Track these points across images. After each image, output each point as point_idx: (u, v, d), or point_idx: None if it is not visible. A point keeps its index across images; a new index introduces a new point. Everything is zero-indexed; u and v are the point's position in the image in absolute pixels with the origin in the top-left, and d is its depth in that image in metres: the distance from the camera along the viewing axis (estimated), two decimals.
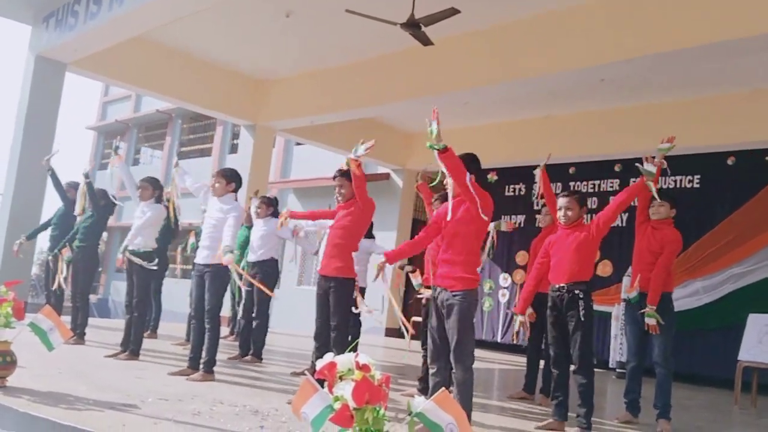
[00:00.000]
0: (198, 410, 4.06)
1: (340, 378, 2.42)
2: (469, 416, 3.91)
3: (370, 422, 2.31)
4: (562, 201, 4.88)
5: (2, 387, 4.13)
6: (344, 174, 5.27)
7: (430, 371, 4.10)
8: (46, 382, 4.44)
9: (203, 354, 5.43)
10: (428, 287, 4.73)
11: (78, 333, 6.90)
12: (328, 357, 2.50)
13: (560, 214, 4.86)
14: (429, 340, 4.11)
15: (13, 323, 4.26)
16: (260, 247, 7.13)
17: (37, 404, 3.75)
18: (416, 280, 5.31)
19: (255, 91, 11.35)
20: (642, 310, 5.21)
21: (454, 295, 3.90)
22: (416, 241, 4.31)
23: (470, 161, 4.13)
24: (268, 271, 7.13)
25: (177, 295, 13.84)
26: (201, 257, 5.52)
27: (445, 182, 4.18)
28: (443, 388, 2.55)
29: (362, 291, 6.59)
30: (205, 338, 5.45)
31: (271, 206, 7.38)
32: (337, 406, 2.35)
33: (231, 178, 5.69)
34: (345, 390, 2.34)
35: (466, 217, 3.97)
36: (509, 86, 8.36)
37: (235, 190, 5.72)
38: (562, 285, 4.71)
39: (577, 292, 4.62)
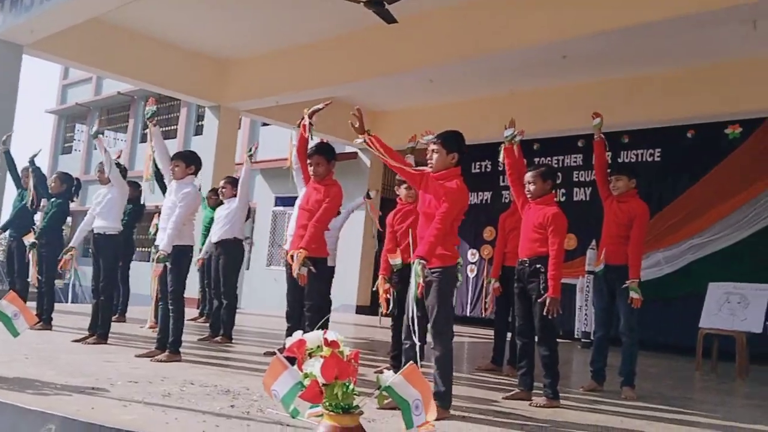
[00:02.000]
0: (168, 391, 4.06)
1: (310, 355, 2.46)
2: (450, 390, 3.96)
3: (340, 397, 2.36)
4: (526, 176, 4.95)
5: None
6: (320, 150, 5.22)
7: (404, 347, 4.16)
8: (13, 368, 4.40)
9: (169, 335, 5.44)
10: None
11: (44, 318, 6.84)
12: (297, 335, 2.53)
13: (526, 189, 4.94)
14: (404, 316, 4.15)
15: None
16: (224, 225, 7.09)
17: (4, 390, 3.72)
18: (395, 260, 5.31)
19: (218, 71, 11.22)
20: (626, 284, 5.33)
21: (432, 272, 3.94)
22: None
23: (453, 140, 4.15)
24: (232, 251, 7.11)
25: (145, 279, 13.70)
26: (160, 239, 5.50)
27: (428, 157, 4.20)
28: (411, 363, 2.60)
29: (332, 270, 6.61)
30: (169, 319, 5.46)
31: (236, 187, 7.33)
32: (307, 382, 2.39)
33: (190, 161, 5.67)
34: (314, 367, 2.38)
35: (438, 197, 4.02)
36: (473, 63, 8.39)
37: (195, 173, 5.69)
38: (524, 259, 4.81)
39: (538, 266, 4.70)
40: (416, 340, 3.78)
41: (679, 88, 9.39)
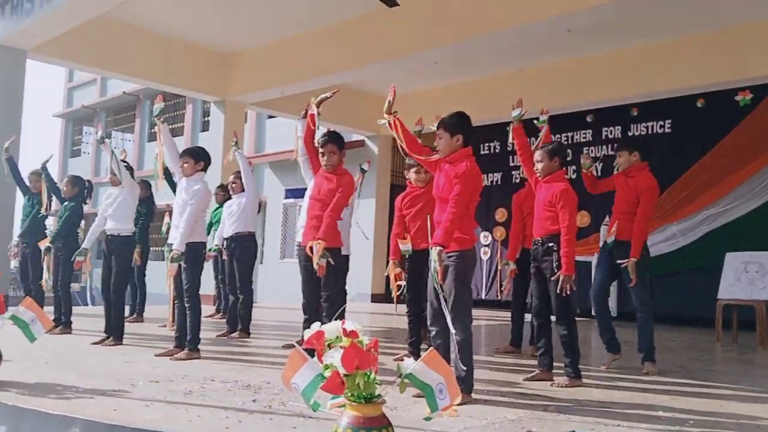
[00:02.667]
0: (189, 389, 4.06)
1: (329, 346, 2.44)
2: (471, 374, 3.94)
3: (362, 387, 2.34)
4: (535, 155, 4.92)
5: None
6: (332, 139, 5.15)
7: (430, 333, 4.13)
8: (34, 374, 4.42)
9: (187, 333, 5.45)
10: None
11: (64, 322, 6.88)
12: (315, 326, 2.51)
13: (535, 167, 4.89)
14: (428, 303, 4.13)
15: None
16: (236, 220, 7.07)
17: (26, 396, 3.74)
18: (405, 245, 5.28)
19: (222, 66, 11.20)
20: (620, 262, 5.29)
21: (449, 256, 3.90)
22: None
23: (455, 123, 4.10)
24: (246, 246, 7.09)
25: (160, 278, 13.76)
26: (173, 238, 5.49)
27: (435, 144, 4.18)
28: (431, 348, 2.57)
29: (347, 259, 6.55)
30: (186, 318, 5.46)
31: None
32: (328, 374, 2.37)
33: (199, 157, 5.64)
34: (334, 357, 2.35)
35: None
36: (478, 43, 8.33)
37: (204, 169, 5.66)
38: (537, 239, 4.79)
39: (551, 244, 4.65)
40: (451, 328, 3.75)
41: (687, 57, 9.27)
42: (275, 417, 3.39)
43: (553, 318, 4.79)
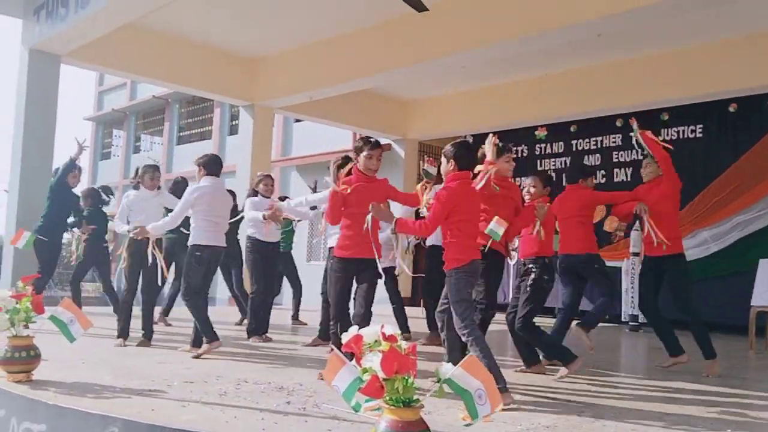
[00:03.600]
0: (224, 390, 4.11)
1: (368, 350, 2.45)
2: (497, 375, 3.84)
3: (401, 391, 2.35)
4: (527, 180, 5.48)
5: (29, 381, 4.18)
6: (379, 144, 4.92)
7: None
8: (71, 373, 4.50)
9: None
10: None
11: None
12: (353, 330, 2.53)
13: (525, 191, 5.43)
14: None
15: (34, 317, 4.31)
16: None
17: (65, 395, 3.80)
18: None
19: (250, 70, 11.30)
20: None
21: (449, 274, 4.19)
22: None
23: (449, 152, 4.32)
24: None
25: None
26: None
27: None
28: (470, 354, 2.57)
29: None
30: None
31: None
32: (367, 377, 2.38)
33: (202, 166, 5.85)
34: (373, 361, 2.37)
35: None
36: (506, 47, 8.29)
37: (209, 173, 5.80)
38: (521, 259, 5.27)
39: (530, 265, 5.11)
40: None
41: (718, 61, 9.16)
42: (310, 419, 3.42)
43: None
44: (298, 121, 16.83)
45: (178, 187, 7.22)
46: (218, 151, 19.74)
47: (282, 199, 7.54)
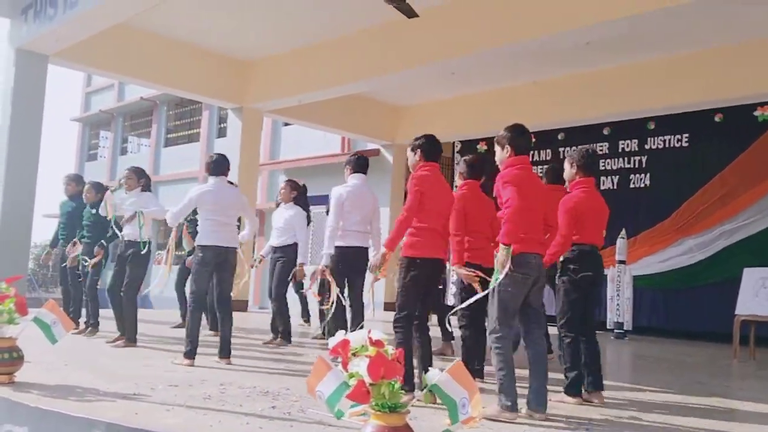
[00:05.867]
0: (208, 394, 4.08)
1: (354, 355, 2.44)
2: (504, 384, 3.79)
3: (387, 397, 2.34)
4: None
5: (11, 383, 4.14)
6: None
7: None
8: (55, 375, 4.46)
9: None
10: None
11: (92, 324, 6.97)
12: (340, 335, 2.52)
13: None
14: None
15: (17, 319, 4.26)
16: (283, 233, 7.07)
17: (48, 398, 3.76)
18: None
19: (240, 73, 11.27)
20: None
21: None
22: None
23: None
24: (291, 257, 7.00)
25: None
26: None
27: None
28: (457, 360, 2.57)
29: None
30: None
31: (295, 190, 7.28)
32: (353, 382, 2.37)
33: (206, 167, 5.87)
34: (360, 366, 2.36)
35: None
36: (495, 54, 8.33)
37: (212, 174, 5.73)
38: None
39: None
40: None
41: (705, 71, 9.23)
42: (295, 424, 3.40)
43: None
44: (287, 124, 16.80)
45: None
46: (206, 153, 19.65)
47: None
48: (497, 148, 4.12)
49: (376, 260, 4.47)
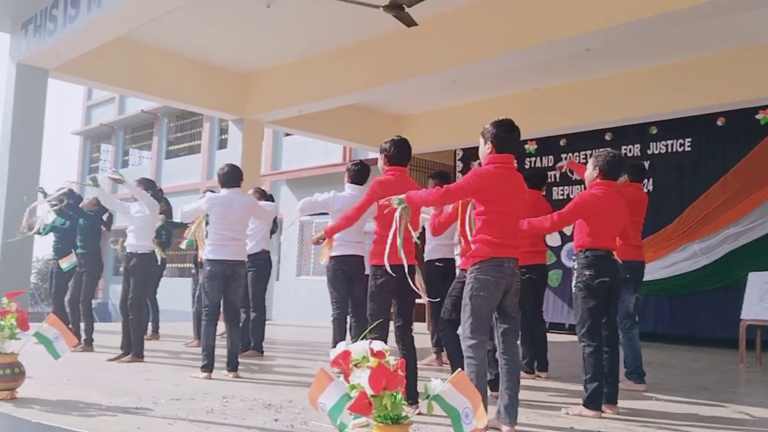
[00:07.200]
0: (211, 407, 4.06)
1: (355, 366, 2.42)
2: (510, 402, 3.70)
3: (389, 408, 2.31)
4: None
5: (13, 399, 4.12)
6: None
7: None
8: (56, 391, 4.43)
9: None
10: None
11: (85, 340, 6.91)
12: (341, 346, 2.49)
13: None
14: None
15: (19, 334, 4.25)
16: (251, 239, 7.04)
17: (50, 413, 3.74)
18: None
19: (240, 84, 11.28)
20: None
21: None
22: None
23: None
24: (261, 264, 7.08)
25: (176, 294, 13.84)
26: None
27: None
28: (459, 370, 2.54)
29: None
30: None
31: (263, 198, 7.29)
32: (354, 394, 2.35)
33: (217, 179, 5.90)
34: (361, 378, 2.33)
35: None
36: (495, 61, 8.30)
37: (223, 186, 5.76)
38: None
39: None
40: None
41: (707, 75, 9.20)
42: None
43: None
44: (288, 135, 16.82)
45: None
46: (207, 165, 19.69)
47: None
48: (480, 141, 3.97)
49: (317, 235, 4.66)
